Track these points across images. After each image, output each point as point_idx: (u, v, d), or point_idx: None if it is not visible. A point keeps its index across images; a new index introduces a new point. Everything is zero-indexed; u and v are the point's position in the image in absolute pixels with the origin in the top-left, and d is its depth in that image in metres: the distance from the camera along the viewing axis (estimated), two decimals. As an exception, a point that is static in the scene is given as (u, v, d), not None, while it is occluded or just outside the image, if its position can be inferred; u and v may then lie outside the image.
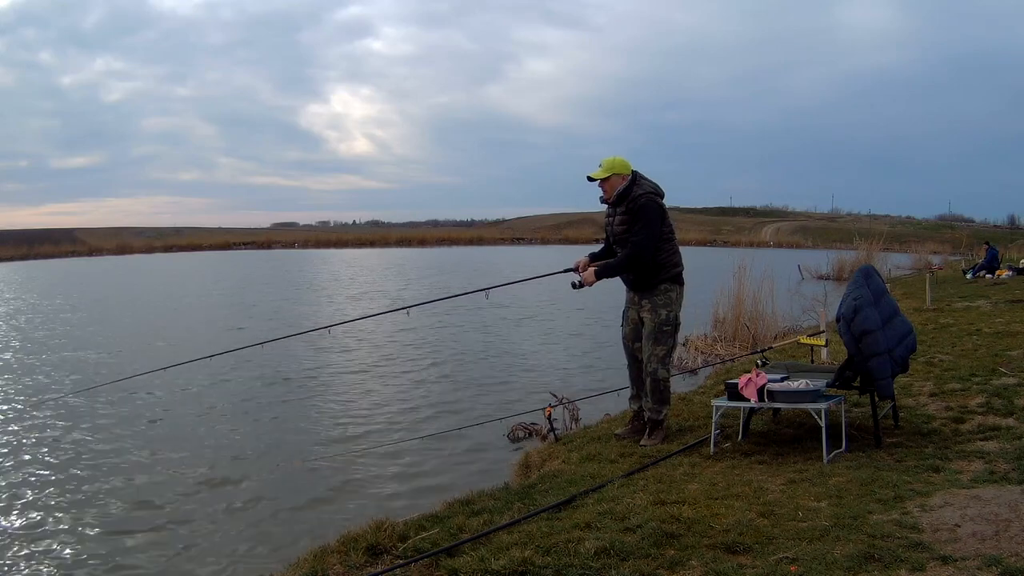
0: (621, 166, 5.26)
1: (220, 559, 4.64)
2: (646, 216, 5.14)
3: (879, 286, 5.00)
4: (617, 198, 5.25)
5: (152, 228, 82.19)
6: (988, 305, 12.45)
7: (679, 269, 5.34)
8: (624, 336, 5.49)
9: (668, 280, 5.25)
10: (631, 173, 5.27)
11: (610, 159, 5.28)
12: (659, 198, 5.26)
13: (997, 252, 21.93)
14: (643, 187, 5.22)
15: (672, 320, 5.25)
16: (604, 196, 5.35)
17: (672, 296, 5.25)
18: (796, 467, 4.43)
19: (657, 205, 5.20)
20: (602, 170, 5.26)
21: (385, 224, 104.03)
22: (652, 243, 5.14)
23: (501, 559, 3.21)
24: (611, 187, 5.27)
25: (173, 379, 9.68)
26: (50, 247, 60.39)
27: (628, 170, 5.27)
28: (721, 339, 11.26)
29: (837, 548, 3.14)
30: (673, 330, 5.28)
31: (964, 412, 5.39)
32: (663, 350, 5.22)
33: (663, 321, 5.21)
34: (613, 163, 5.26)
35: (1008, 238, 46.07)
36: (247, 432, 7.41)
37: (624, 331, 5.49)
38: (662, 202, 5.27)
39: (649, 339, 5.24)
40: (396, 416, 7.96)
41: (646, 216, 5.14)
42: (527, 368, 10.49)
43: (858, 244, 25.24)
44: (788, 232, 71.27)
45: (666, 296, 5.23)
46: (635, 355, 5.44)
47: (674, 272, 5.28)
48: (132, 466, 6.44)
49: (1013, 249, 32.27)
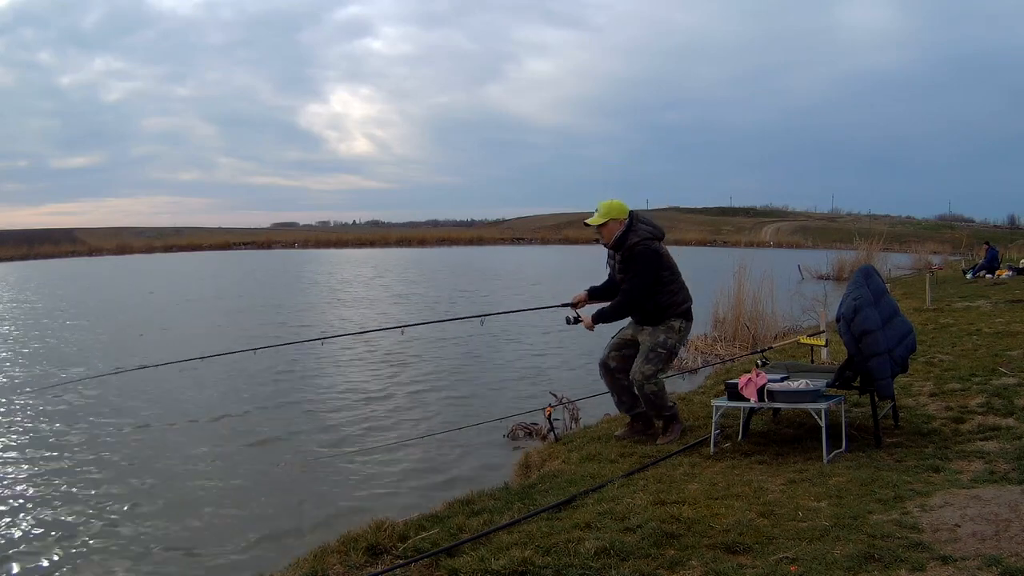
0: (618, 210, 5.23)
1: (220, 559, 4.63)
2: (638, 265, 5.14)
3: (879, 286, 5.00)
4: (615, 243, 5.25)
5: (152, 228, 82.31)
6: (988, 305, 12.45)
7: (687, 305, 5.33)
8: (606, 348, 5.51)
9: (675, 316, 5.26)
10: (628, 217, 5.25)
11: (607, 203, 5.26)
12: (656, 242, 5.23)
13: (997, 252, 21.93)
14: (639, 233, 5.20)
15: (669, 346, 5.23)
16: (603, 241, 5.34)
17: (676, 326, 5.25)
18: (796, 467, 4.43)
19: (652, 252, 5.17)
20: (598, 215, 5.25)
21: (385, 224, 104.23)
22: (643, 292, 5.15)
23: (501, 559, 3.21)
24: (609, 232, 5.25)
25: (170, 378, 9.69)
26: (50, 247, 60.33)
27: (625, 214, 5.24)
28: (721, 339, 11.27)
29: (837, 548, 3.14)
30: (667, 355, 5.24)
31: (964, 412, 5.39)
32: (651, 369, 5.15)
33: (660, 343, 5.20)
34: (610, 207, 5.23)
35: (1008, 238, 46.05)
36: (246, 432, 7.41)
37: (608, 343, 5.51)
38: (658, 246, 5.24)
39: (640, 356, 5.21)
40: (396, 416, 7.96)
41: (638, 265, 5.14)
42: (527, 368, 10.48)
43: (858, 244, 25.24)
44: (788, 232, 71.25)
45: (669, 326, 5.24)
46: (607, 363, 5.44)
47: (681, 309, 5.29)
48: (129, 466, 6.43)
49: (1013, 249, 32.26)
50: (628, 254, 5.18)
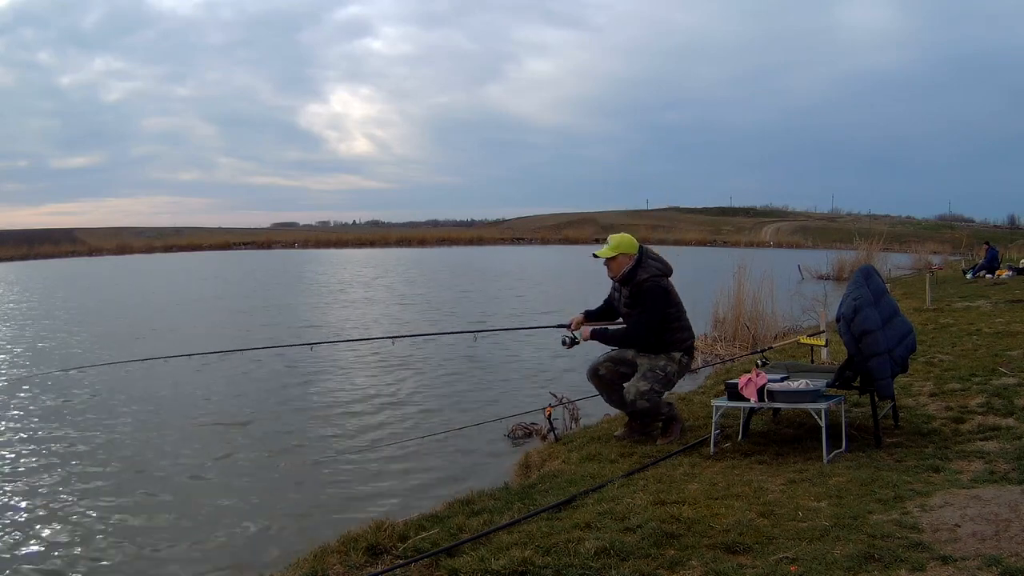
0: (628, 245, 5.27)
1: (220, 559, 4.63)
2: (647, 302, 5.17)
3: (879, 286, 5.00)
4: (623, 278, 5.27)
5: (152, 228, 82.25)
6: (988, 305, 12.45)
7: (690, 343, 5.39)
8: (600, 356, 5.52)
9: (677, 349, 5.30)
10: (638, 252, 5.28)
11: (617, 237, 5.31)
12: (664, 279, 5.27)
13: (997, 252, 21.94)
14: (648, 269, 5.23)
15: (669, 372, 5.24)
16: (610, 274, 5.36)
17: (677, 358, 5.28)
18: (796, 467, 4.44)
19: (661, 289, 5.21)
20: (609, 248, 5.28)
21: (385, 224, 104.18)
22: (650, 329, 5.18)
23: (501, 559, 3.21)
24: (618, 266, 5.28)
25: (167, 378, 9.69)
26: (50, 247, 60.31)
27: (635, 249, 5.28)
28: (721, 339, 11.26)
29: (837, 548, 3.14)
30: (664, 379, 5.22)
31: (964, 412, 5.40)
32: (646, 386, 5.15)
33: (660, 367, 5.22)
34: (620, 242, 5.27)
35: (1008, 238, 46.06)
36: (246, 433, 7.40)
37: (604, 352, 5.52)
38: (667, 283, 5.28)
39: (638, 374, 5.23)
40: (396, 416, 7.96)
41: (647, 302, 5.17)
42: (527, 368, 10.48)
43: (858, 244, 25.22)
44: (788, 232, 71.24)
45: (671, 356, 5.27)
46: (597, 370, 5.46)
47: (684, 345, 5.33)
48: (127, 465, 6.42)
49: (1013, 249, 32.27)
50: (637, 289, 5.21)
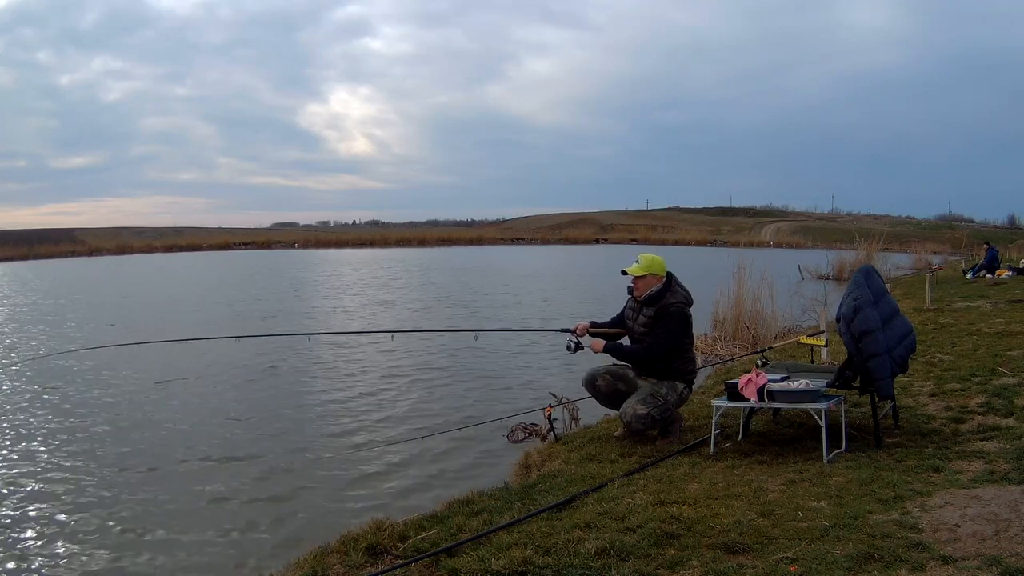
0: (659, 267, 5.29)
1: (219, 559, 4.63)
2: (671, 325, 5.18)
3: (879, 286, 5.00)
4: (648, 298, 5.27)
5: (152, 228, 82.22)
6: (988, 305, 12.45)
7: (693, 376, 5.45)
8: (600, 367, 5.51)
9: (681, 380, 5.33)
10: (667, 276, 5.30)
11: (648, 257, 5.32)
12: (688, 307, 5.30)
13: (997, 252, 21.94)
14: (677, 295, 5.26)
15: (669, 400, 5.24)
16: (635, 292, 5.36)
17: (679, 388, 5.31)
18: (796, 467, 4.44)
19: (685, 317, 5.25)
20: (639, 267, 5.28)
21: (385, 224, 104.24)
22: (666, 352, 5.19)
23: (501, 559, 3.21)
24: (645, 285, 5.29)
25: (165, 377, 9.69)
26: (50, 247, 60.32)
27: (663, 271, 5.31)
28: (721, 339, 11.26)
29: (837, 548, 3.14)
30: (663, 406, 5.20)
31: (964, 412, 5.40)
32: (644, 411, 5.14)
33: (661, 393, 5.22)
34: (652, 263, 5.28)
35: (1008, 238, 46.06)
36: (246, 432, 7.40)
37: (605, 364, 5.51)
38: (689, 312, 5.32)
39: (638, 395, 5.23)
40: (396, 416, 7.96)
41: (671, 325, 5.18)
42: (527, 368, 10.48)
43: (858, 244, 25.19)
44: (788, 232, 71.23)
45: (673, 384, 5.28)
46: (594, 381, 5.46)
47: (689, 378, 5.38)
48: (126, 465, 6.42)
49: (1013, 249, 32.29)
50: (663, 312, 5.21)
